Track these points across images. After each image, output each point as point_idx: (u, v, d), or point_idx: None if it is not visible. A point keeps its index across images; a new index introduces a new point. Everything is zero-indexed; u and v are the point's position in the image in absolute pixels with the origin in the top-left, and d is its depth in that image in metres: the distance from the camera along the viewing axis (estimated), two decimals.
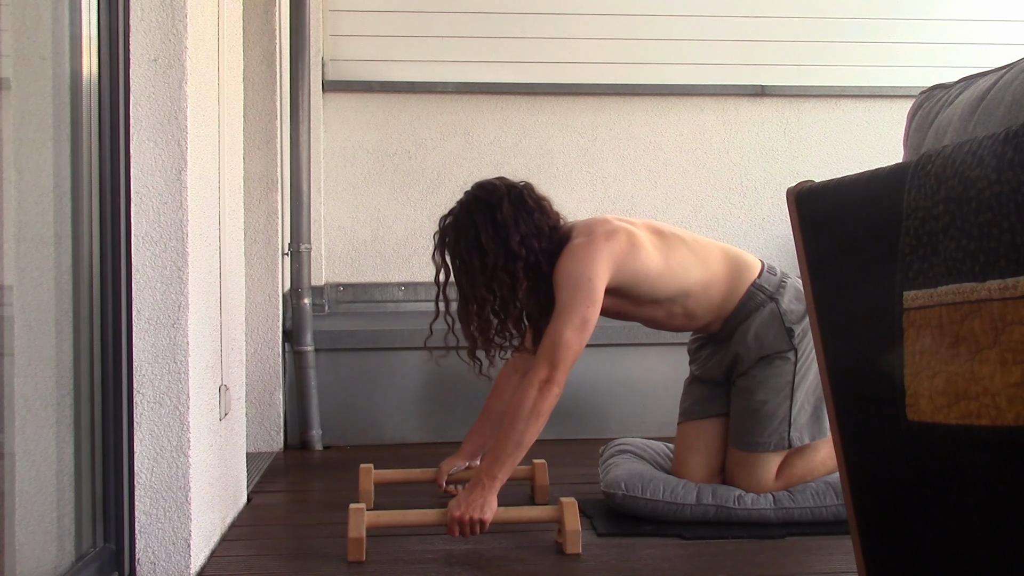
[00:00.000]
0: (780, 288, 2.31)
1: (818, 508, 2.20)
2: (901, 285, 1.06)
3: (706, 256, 2.30)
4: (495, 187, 2.23)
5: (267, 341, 3.12)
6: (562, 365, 2.10)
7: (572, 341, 2.10)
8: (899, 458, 1.14)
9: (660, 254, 2.24)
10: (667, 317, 2.34)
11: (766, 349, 2.28)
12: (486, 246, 2.16)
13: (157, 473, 1.83)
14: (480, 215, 2.18)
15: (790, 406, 2.27)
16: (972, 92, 1.16)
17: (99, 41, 1.76)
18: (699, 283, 2.27)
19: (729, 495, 2.24)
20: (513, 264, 2.16)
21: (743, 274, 2.32)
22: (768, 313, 2.29)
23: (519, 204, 2.20)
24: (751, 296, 2.30)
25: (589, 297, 2.12)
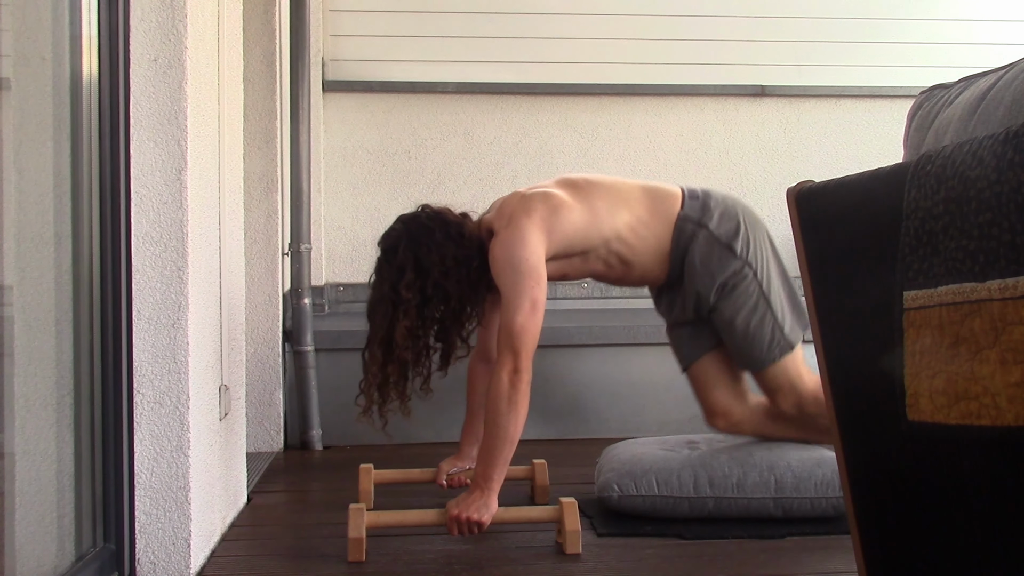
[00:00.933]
0: (705, 212, 2.29)
1: (819, 499, 2.20)
2: (901, 285, 1.06)
3: (627, 196, 2.30)
4: (389, 233, 2.25)
5: (267, 341, 3.12)
6: (523, 351, 2.09)
7: (527, 325, 2.10)
8: (899, 458, 1.14)
9: (581, 205, 2.24)
10: (606, 268, 2.33)
11: (718, 276, 2.27)
12: (405, 297, 2.17)
13: (157, 473, 1.83)
14: (385, 272, 2.21)
15: (772, 314, 2.28)
16: (972, 92, 1.16)
17: (99, 41, 1.76)
18: (627, 226, 2.27)
19: (725, 483, 2.22)
20: (438, 287, 2.18)
21: (666, 207, 2.30)
22: (703, 241, 2.27)
23: (418, 239, 2.20)
24: (680, 230, 2.28)
25: (531, 277, 2.12)
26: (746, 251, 2.27)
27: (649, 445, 2.45)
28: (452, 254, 2.19)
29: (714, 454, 2.30)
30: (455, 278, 2.19)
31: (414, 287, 2.16)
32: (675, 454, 2.34)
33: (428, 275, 2.17)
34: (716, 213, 2.29)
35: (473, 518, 2.02)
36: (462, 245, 2.21)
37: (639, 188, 2.34)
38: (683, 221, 2.28)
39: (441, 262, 2.17)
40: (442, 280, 2.17)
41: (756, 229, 2.32)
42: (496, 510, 2.06)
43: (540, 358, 3.43)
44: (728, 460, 2.27)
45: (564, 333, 3.38)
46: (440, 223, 2.23)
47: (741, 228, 2.29)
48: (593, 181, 2.33)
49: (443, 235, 2.20)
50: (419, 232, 2.20)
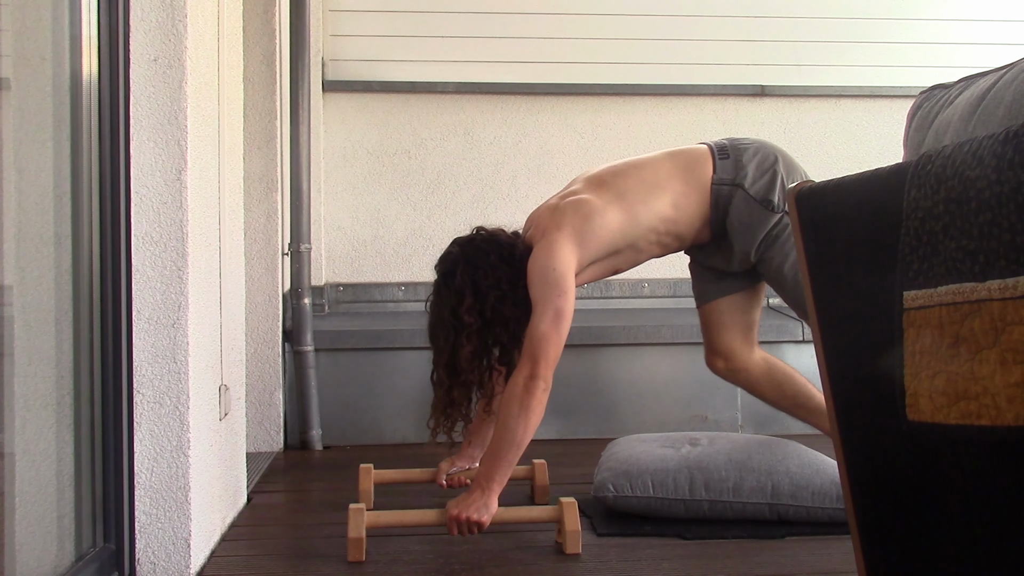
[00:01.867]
0: (739, 170, 2.28)
1: (815, 508, 2.19)
2: (901, 285, 1.06)
3: (658, 176, 2.29)
4: (446, 257, 2.26)
5: (267, 341, 3.12)
6: (543, 359, 2.09)
7: (549, 334, 2.10)
8: (899, 458, 1.14)
9: (614, 204, 2.24)
10: (662, 249, 2.34)
11: (759, 233, 2.27)
12: (468, 322, 2.18)
13: (157, 473, 1.83)
14: (445, 296, 2.22)
15: None
16: (972, 92, 1.16)
17: (99, 41, 1.76)
18: (666, 207, 2.27)
19: (721, 487, 2.22)
20: (496, 311, 2.19)
21: (699, 174, 2.29)
22: (740, 201, 2.26)
23: (475, 262, 2.20)
24: (717, 194, 2.27)
25: (557, 287, 2.12)
26: (783, 202, 2.25)
27: (649, 443, 2.44)
28: (507, 277, 2.19)
29: (712, 455, 2.28)
30: (511, 300, 2.19)
31: (474, 311, 2.17)
32: (673, 453, 2.33)
33: (486, 299, 2.18)
34: (750, 169, 2.27)
35: (473, 518, 2.02)
36: (515, 266, 2.21)
37: (668, 162, 2.32)
38: (718, 185, 2.27)
39: (497, 285, 2.18)
40: (499, 304, 2.18)
41: (793, 173, 2.30)
42: (496, 510, 2.06)
43: None
44: (726, 463, 2.25)
45: None
46: (495, 246, 2.23)
47: (778, 179, 2.26)
48: (620, 171, 2.32)
49: (497, 258, 2.21)
50: (475, 256, 2.21)
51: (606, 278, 2.38)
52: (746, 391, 2.54)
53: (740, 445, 2.35)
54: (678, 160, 2.33)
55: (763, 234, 2.27)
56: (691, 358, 3.35)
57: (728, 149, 2.31)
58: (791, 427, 3.34)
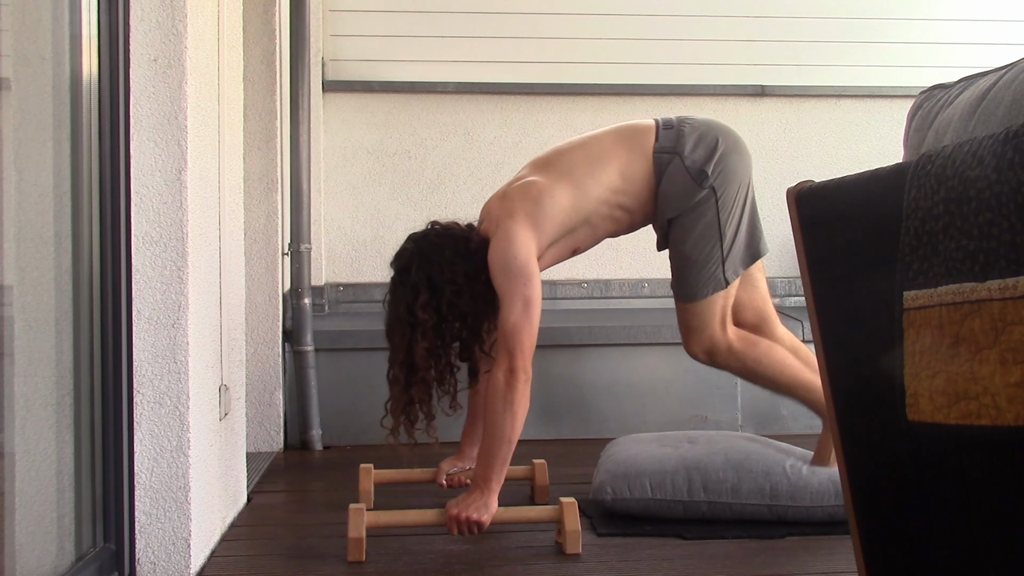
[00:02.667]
0: (679, 140, 2.25)
1: (814, 508, 2.19)
2: (901, 285, 1.06)
3: (602, 150, 2.28)
4: (401, 253, 2.24)
5: (267, 341, 3.12)
6: (518, 350, 2.08)
7: (521, 324, 2.09)
8: (899, 458, 1.14)
9: (561, 182, 2.22)
10: (615, 225, 2.32)
11: (681, 203, 2.24)
12: (422, 319, 2.15)
13: (157, 473, 1.83)
14: (400, 293, 2.19)
15: (720, 248, 2.25)
16: (972, 92, 1.16)
17: (99, 41, 1.76)
18: (614, 178, 2.25)
19: (720, 488, 2.22)
20: (452, 305, 2.17)
21: (642, 143, 2.27)
22: (673, 169, 2.24)
23: (429, 257, 2.18)
24: (658, 162, 2.26)
25: (521, 276, 2.11)
26: (715, 176, 2.23)
27: (647, 443, 2.44)
28: (463, 270, 2.17)
29: (710, 456, 2.28)
30: (468, 294, 2.17)
31: (429, 307, 2.15)
32: (671, 452, 2.33)
33: (442, 294, 2.15)
34: (691, 139, 2.25)
35: (473, 518, 2.02)
36: (471, 259, 2.19)
37: (611, 135, 2.31)
38: (659, 153, 2.26)
39: (453, 280, 2.16)
40: (455, 298, 2.16)
41: (732, 153, 2.27)
42: (496, 510, 2.06)
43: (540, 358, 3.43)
44: (723, 464, 2.25)
45: (564, 333, 3.38)
46: (449, 239, 2.21)
47: (716, 153, 2.24)
48: (564, 150, 2.31)
49: (452, 252, 2.19)
50: (430, 251, 2.19)
51: (571, 258, 2.36)
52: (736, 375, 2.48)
53: (738, 445, 2.34)
54: (622, 132, 2.32)
55: (686, 207, 2.24)
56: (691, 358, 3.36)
57: (674, 122, 2.30)
58: (791, 427, 3.35)
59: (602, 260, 3.94)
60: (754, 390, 3.36)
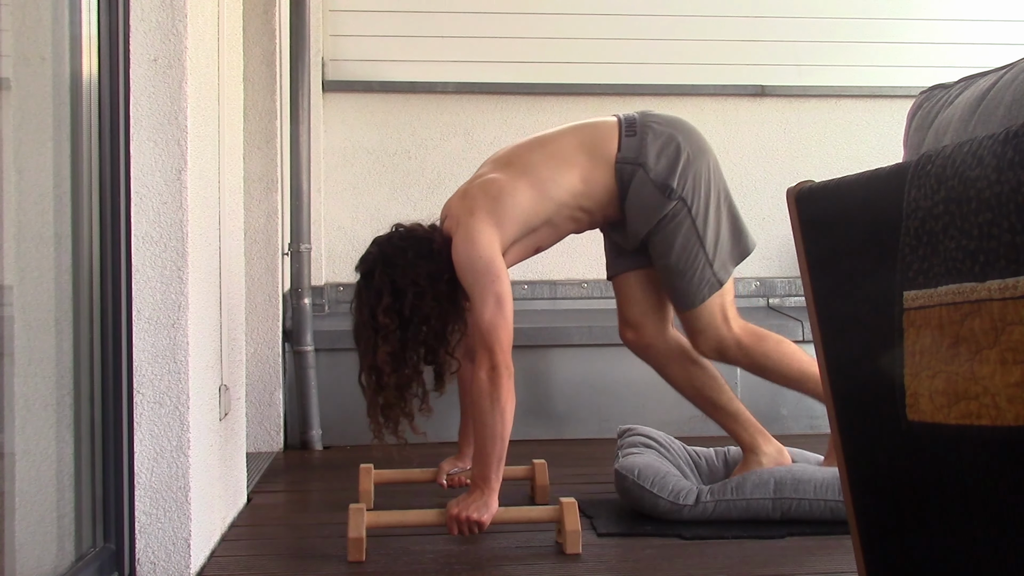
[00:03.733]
0: (642, 150, 2.23)
1: (817, 501, 2.20)
2: (901, 285, 1.06)
3: (563, 152, 2.26)
4: (365, 258, 2.22)
5: (267, 341, 3.12)
6: (497, 347, 2.08)
7: (495, 321, 2.08)
8: (899, 458, 1.14)
9: (522, 181, 2.21)
10: (576, 225, 2.32)
11: (651, 217, 2.23)
12: (383, 323, 2.13)
13: (157, 473, 1.83)
14: (364, 298, 2.18)
15: (704, 252, 2.25)
16: (972, 92, 1.16)
17: (99, 41, 1.76)
18: (579, 180, 2.23)
19: (725, 487, 2.23)
20: (415, 308, 2.14)
21: (604, 152, 2.25)
22: (639, 182, 2.23)
23: (393, 261, 2.17)
24: (620, 172, 2.24)
25: (489, 273, 2.10)
26: (682, 187, 2.22)
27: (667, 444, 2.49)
28: (425, 273, 2.15)
29: (718, 469, 2.34)
30: (431, 296, 2.15)
31: (392, 311, 2.13)
32: (687, 471, 2.41)
33: (404, 298, 2.13)
34: (653, 149, 2.23)
35: (473, 518, 2.02)
36: (433, 260, 2.17)
37: (573, 138, 2.29)
38: (622, 164, 2.24)
39: (415, 283, 2.14)
40: (418, 301, 2.14)
41: (697, 159, 2.26)
42: (496, 510, 2.06)
43: (540, 358, 3.45)
44: (726, 469, 2.30)
45: (564, 333, 3.38)
46: (412, 242, 2.19)
47: (680, 163, 2.23)
48: (525, 148, 2.30)
49: (415, 254, 2.17)
50: (394, 254, 2.17)
51: (532, 256, 2.36)
52: (654, 370, 2.48)
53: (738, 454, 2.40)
54: (583, 135, 2.29)
55: (657, 219, 2.23)
56: None
57: (636, 125, 2.27)
58: (791, 427, 3.35)
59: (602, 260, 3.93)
60: (754, 391, 3.36)
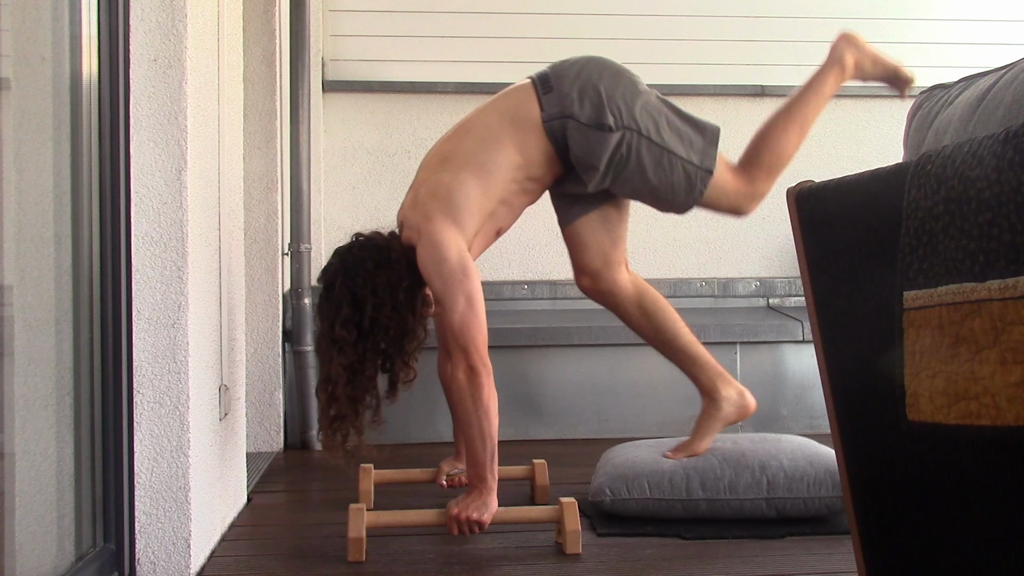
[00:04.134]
0: (563, 102, 2.22)
1: (811, 499, 2.20)
2: (901, 285, 1.06)
3: (489, 131, 2.25)
4: (327, 269, 2.20)
5: (267, 341, 3.12)
6: (471, 347, 2.07)
7: (467, 320, 2.07)
8: (899, 458, 1.14)
9: (464, 172, 2.20)
10: (531, 197, 2.31)
11: (603, 156, 2.21)
12: (340, 335, 2.11)
13: (157, 473, 1.83)
14: (325, 310, 2.16)
15: (675, 155, 2.24)
16: (972, 92, 1.16)
17: (99, 41, 1.76)
18: (515, 153, 2.22)
19: (717, 485, 2.22)
20: (373, 320, 2.12)
21: (528, 117, 2.24)
22: (574, 132, 2.21)
23: (353, 272, 2.14)
24: (551, 131, 2.22)
25: (455, 274, 2.09)
26: (617, 116, 2.20)
27: (644, 448, 2.45)
28: (384, 282, 2.13)
29: (707, 456, 2.30)
30: (389, 307, 2.13)
31: (350, 323, 2.11)
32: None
33: (363, 308, 2.12)
34: (575, 97, 2.22)
35: (473, 518, 2.02)
36: (392, 269, 2.15)
37: (494, 114, 2.28)
38: (549, 122, 2.22)
39: (374, 292, 2.12)
40: (376, 312, 2.12)
41: (617, 84, 2.24)
42: (496, 509, 2.06)
43: (541, 358, 3.45)
44: (720, 462, 2.26)
45: (564, 333, 3.38)
46: (371, 251, 2.17)
47: (603, 97, 2.21)
48: (453, 140, 2.29)
49: (374, 264, 2.15)
50: (354, 265, 2.15)
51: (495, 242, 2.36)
52: (613, 313, 2.47)
53: (733, 444, 2.36)
54: (503, 107, 2.29)
55: (607, 155, 2.21)
56: None
57: (551, 80, 2.26)
58: (791, 427, 3.35)
59: None
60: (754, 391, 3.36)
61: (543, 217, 3.92)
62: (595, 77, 2.24)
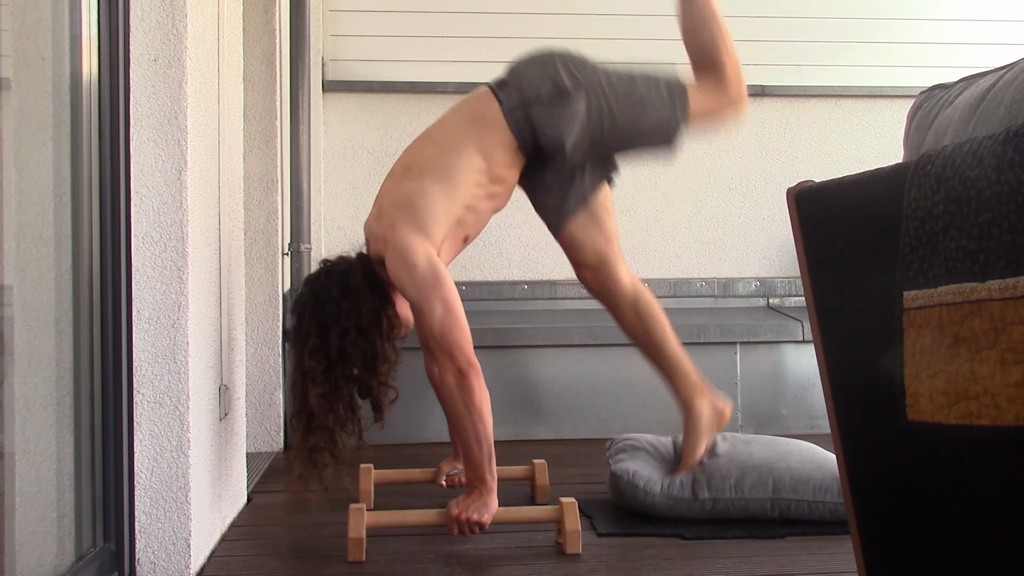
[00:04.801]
0: (521, 92, 2.23)
1: (816, 503, 2.20)
2: (901, 285, 1.06)
3: (450, 137, 2.26)
4: (298, 300, 2.19)
5: (267, 341, 3.12)
6: (456, 350, 2.06)
7: (446, 323, 2.06)
8: (899, 458, 1.14)
9: (426, 179, 2.19)
10: (494, 200, 2.30)
11: (577, 121, 2.21)
12: (310, 366, 2.09)
13: (157, 473, 1.83)
14: (295, 340, 2.15)
15: (644, 88, 2.26)
16: (972, 92, 1.16)
17: (99, 41, 1.76)
18: (476, 155, 2.22)
19: (724, 484, 2.23)
20: (340, 349, 2.10)
21: (488, 115, 2.25)
22: (539, 115, 2.22)
23: (321, 301, 2.13)
24: (514, 121, 2.23)
25: (427, 280, 2.08)
26: (577, 78, 2.22)
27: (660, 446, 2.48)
28: (347, 309, 2.12)
29: (713, 458, 2.31)
30: (355, 330, 2.12)
31: (318, 353, 2.10)
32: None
33: (328, 338, 2.10)
34: (530, 83, 2.24)
35: (473, 519, 2.02)
36: (353, 295, 2.14)
37: (455, 120, 2.30)
38: (510, 114, 2.23)
39: (339, 320, 2.11)
40: (342, 341, 2.10)
41: (568, 57, 2.27)
42: (496, 510, 2.06)
43: (540, 358, 3.44)
44: (727, 462, 2.28)
45: (564, 333, 3.38)
46: (335, 278, 2.16)
47: (559, 70, 2.23)
48: (415, 152, 2.29)
49: (339, 291, 2.14)
50: (321, 294, 2.14)
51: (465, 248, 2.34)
52: (608, 311, 2.48)
53: (741, 446, 2.36)
54: (464, 112, 2.31)
55: (583, 118, 2.21)
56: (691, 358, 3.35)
57: (506, 78, 2.30)
58: (791, 428, 3.35)
59: None
60: (754, 391, 3.37)
61: None
62: (545, 59, 2.28)
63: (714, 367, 3.35)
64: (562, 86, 2.22)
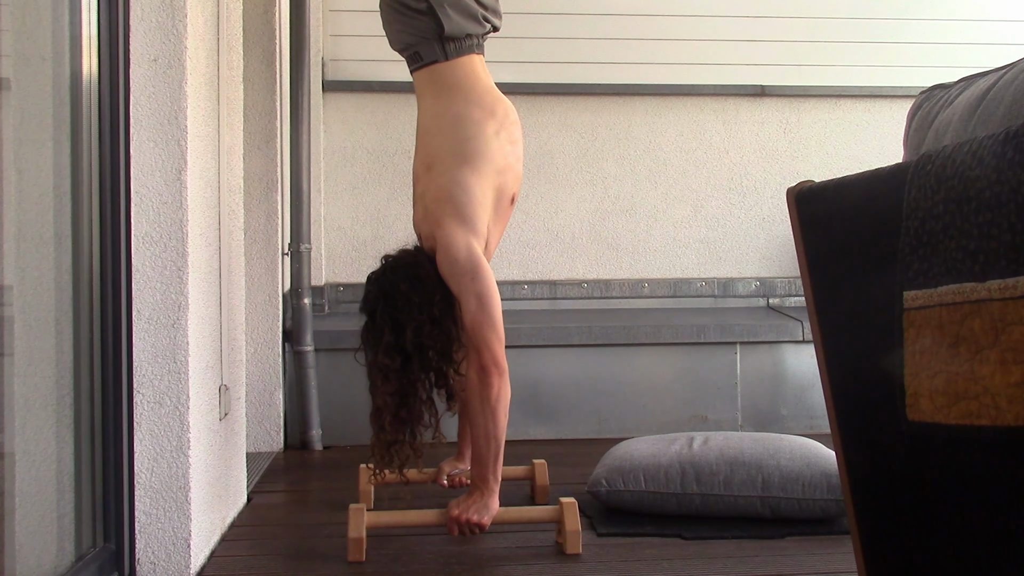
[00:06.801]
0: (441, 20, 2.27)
1: (806, 500, 2.20)
2: (901, 285, 1.06)
3: (437, 119, 2.29)
4: (366, 298, 2.19)
5: (267, 341, 3.12)
6: (484, 346, 2.07)
7: (479, 320, 2.07)
8: (899, 458, 1.14)
9: (454, 167, 2.20)
10: (513, 128, 2.32)
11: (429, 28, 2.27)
12: (384, 363, 2.10)
13: (157, 473, 1.83)
14: (369, 340, 2.15)
15: None
16: (972, 92, 1.16)
17: (99, 41, 1.76)
18: (473, 108, 2.25)
19: (713, 481, 2.23)
20: (416, 343, 2.11)
21: (447, 75, 2.30)
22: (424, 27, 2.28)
23: (392, 298, 2.13)
24: (443, 41, 2.28)
25: (467, 273, 2.09)
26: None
27: (647, 442, 2.46)
28: (419, 301, 2.12)
29: (705, 452, 2.30)
30: (429, 322, 2.12)
31: (393, 351, 2.10)
32: (665, 448, 2.36)
33: (404, 333, 2.11)
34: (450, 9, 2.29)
35: (473, 520, 2.03)
36: (424, 285, 2.14)
37: (429, 100, 2.33)
38: (451, 43, 2.30)
39: (412, 315, 2.11)
40: (417, 335, 2.11)
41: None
42: (496, 511, 2.06)
43: (540, 358, 3.45)
44: (717, 458, 2.27)
45: (563, 333, 3.38)
46: (403, 272, 2.17)
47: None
48: (426, 147, 2.30)
49: (408, 285, 2.14)
50: (391, 290, 2.14)
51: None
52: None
53: (733, 442, 2.36)
54: (429, 94, 2.33)
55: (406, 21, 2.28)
56: (691, 358, 3.35)
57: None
58: (791, 427, 3.35)
59: (602, 260, 3.95)
60: (754, 391, 3.37)
61: (543, 217, 3.93)
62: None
63: (714, 367, 3.35)
64: (413, 7, 2.26)
